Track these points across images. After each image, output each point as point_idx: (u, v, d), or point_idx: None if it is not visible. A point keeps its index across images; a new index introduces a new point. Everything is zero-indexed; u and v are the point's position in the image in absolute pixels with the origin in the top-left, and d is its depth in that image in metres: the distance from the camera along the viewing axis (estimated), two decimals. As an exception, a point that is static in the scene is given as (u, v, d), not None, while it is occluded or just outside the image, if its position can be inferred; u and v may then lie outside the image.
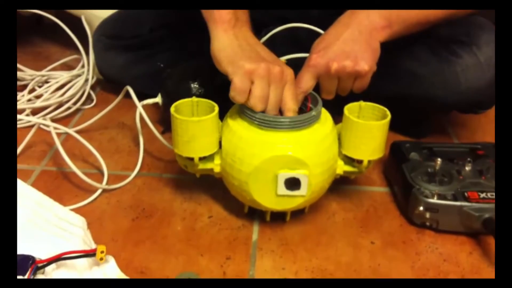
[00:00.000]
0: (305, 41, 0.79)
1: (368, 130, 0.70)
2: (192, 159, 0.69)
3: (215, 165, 0.71)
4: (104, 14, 1.08)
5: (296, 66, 0.72)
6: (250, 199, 0.70)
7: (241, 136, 0.68)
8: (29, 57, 1.28)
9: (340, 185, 0.83)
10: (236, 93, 0.66)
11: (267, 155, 0.66)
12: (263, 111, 0.68)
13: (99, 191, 0.80)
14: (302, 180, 0.67)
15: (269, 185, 0.68)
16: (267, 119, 0.67)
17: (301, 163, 0.67)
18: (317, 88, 0.74)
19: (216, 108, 0.68)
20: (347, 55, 0.70)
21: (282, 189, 0.68)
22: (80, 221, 0.68)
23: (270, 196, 0.69)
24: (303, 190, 0.68)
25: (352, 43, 0.71)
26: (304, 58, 0.74)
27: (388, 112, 0.71)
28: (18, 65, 1.12)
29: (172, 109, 0.67)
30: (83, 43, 1.09)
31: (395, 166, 0.83)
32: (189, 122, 0.66)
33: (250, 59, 0.67)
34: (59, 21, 1.09)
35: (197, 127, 0.66)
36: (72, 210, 0.73)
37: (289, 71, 0.69)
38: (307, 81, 0.71)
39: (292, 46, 0.90)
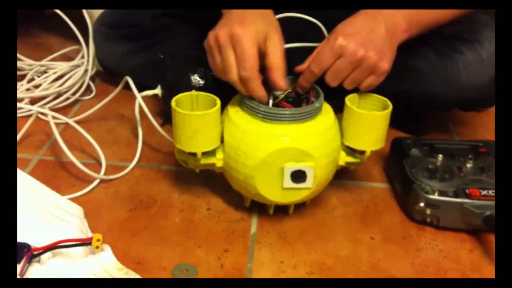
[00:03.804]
0: (304, 35, 0.78)
1: (371, 120, 0.69)
2: (194, 154, 0.68)
3: (218, 160, 0.70)
4: (105, 4, 1.07)
5: (294, 57, 0.71)
6: (255, 193, 0.69)
7: (245, 129, 0.67)
8: (29, 48, 1.27)
9: (340, 180, 0.82)
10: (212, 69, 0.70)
11: (273, 148, 0.65)
12: (267, 104, 0.67)
13: (96, 181, 0.79)
14: (308, 172, 0.66)
15: (274, 178, 0.67)
16: (272, 112, 0.66)
17: (307, 155, 0.66)
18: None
19: (218, 102, 0.67)
20: (375, 46, 0.68)
21: (288, 182, 0.67)
22: (76, 210, 0.68)
23: (275, 190, 0.68)
24: (309, 183, 0.67)
25: (379, 37, 0.69)
26: (302, 49, 0.73)
27: (389, 102, 0.70)
28: (18, 55, 1.11)
29: (173, 103, 0.66)
30: (84, 34, 1.08)
31: (395, 162, 0.82)
32: (193, 116, 0.65)
33: (220, 26, 0.67)
34: (60, 12, 1.08)
35: (200, 121, 0.65)
36: (69, 199, 0.73)
37: (240, 31, 0.63)
38: (328, 59, 0.68)
39: (290, 40, 0.89)
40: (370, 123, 0.70)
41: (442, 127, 1.01)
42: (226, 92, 0.73)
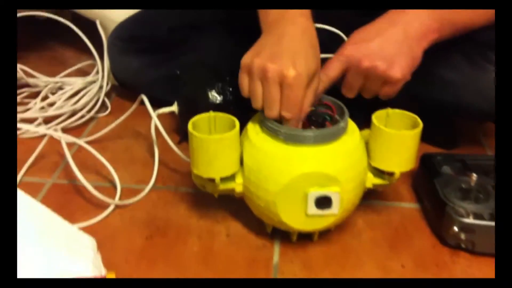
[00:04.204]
0: (328, 44, 0.74)
1: (401, 140, 0.65)
2: (213, 179, 0.64)
3: (237, 185, 0.66)
4: (119, 18, 1.04)
5: None
6: (278, 220, 0.65)
7: (265, 152, 0.63)
8: (44, 62, 1.25)
9: (367, 201, 0.78)
10: (240, 87, 0.65)
11: (296, 173, 0.61)
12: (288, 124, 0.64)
13: (112, 207, 0.76)
14: (333, 198, 0.62)
15: (298, 204, 0.63)
16: (294, 133, 0.62)
17: (333, 180, 0.62)
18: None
19: (237, 123, 0.63)
20: (383, 55, 0.65)
21: (313, 209, 0.63)
22: (90, 242, 0.64)
23: (299, 217, 0.64)
24: (334, 209, 0.63)
25: (393, 44, 0.66)
26: (324, 59, 0.70)
27: (419, 120, 0.66)
28: (32, 72, 1.08)
29: (189, 126, 0.63)
30: (99, 48, 1.05)
31: (426, 180, 0.77)
32: (211, 140, 0.61)
33: (256, 53, 0.63)
34: (74, 26, 1.05)
35: (219, 145, 0.62)
36: (84, 227, 0.71)
37: (293, 73, 0.59)
38: (334, 69, 0.66)
39: None
40: (399, 143, 0.65)
41: (472, 140, 0.96)
42: (245, 108, 0.69)
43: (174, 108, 0.88)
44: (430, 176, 0.76)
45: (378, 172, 0.69)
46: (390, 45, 0.66)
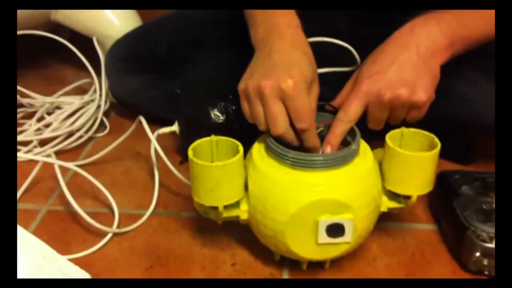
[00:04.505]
0: (332, 55, 0.72)
1: (417, 162, 0.61)
2: (216, 207, 0.60)
3: (242, 212, 0.62)
4: (117, 34, 1.01)
5: (322, 80, 0.65)
6: (286, 250, 0.61)
7: (272, 179, 0.59)
8: (40, 80, 1.21)
9: (380, 223, 0.73)
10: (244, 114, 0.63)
11: (306, 200, 0.57)
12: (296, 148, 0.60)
13: (109, 235, 0.72)
14: (346, 226, 0.58)
15: (308, 233, 0.59)
16: (302, 158, 0.58)
17: (345, 206, 0.58)
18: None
19: (241, 148, 0.59)
20: (403, 82, 0.61)
21: (324, 237, 0.58)
22: (85, 278, 0.60)
23: (309, 246, 0.60)
24: (347, 237, 0.59)
25: (410, 68, 0.62)
26: (330, 73, 0.67)
27: (437, 140, 0.62)
28: (28, 92, 1.04)
29: (190, 153, 0.59)
30: (97, 65, 1.02)
31: (444, 201, 0.73)
32: (213, 168, 0.57)
33: (249, 76, 0.61)
34: (71, 43, 1.02)
35: (222, 173, 0.57)
36: (79, 257, 0.67)
37: (291, 83, 0.57)
38: (356, 109, 0.62)
39: (318, 61, 0.82)
40: (416, 165, 0.61)
41: (489, 155, 0.91)
42: (249, 127, 0.65)
43: (175, 128, 0.84)
44: (448, 197, 0.71)
45: (393, 195, 0.64)
46: (407, 70, 0.62)
